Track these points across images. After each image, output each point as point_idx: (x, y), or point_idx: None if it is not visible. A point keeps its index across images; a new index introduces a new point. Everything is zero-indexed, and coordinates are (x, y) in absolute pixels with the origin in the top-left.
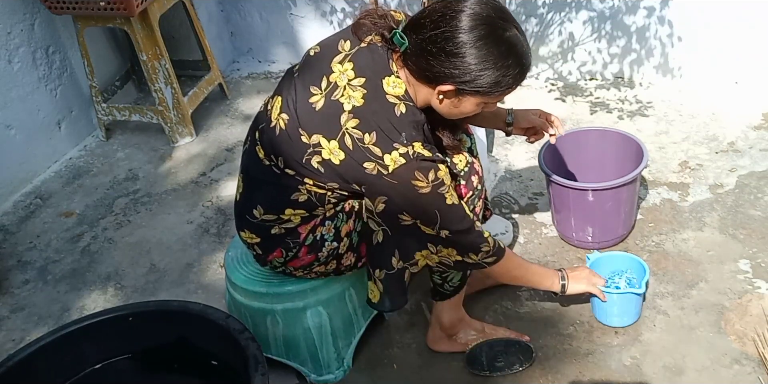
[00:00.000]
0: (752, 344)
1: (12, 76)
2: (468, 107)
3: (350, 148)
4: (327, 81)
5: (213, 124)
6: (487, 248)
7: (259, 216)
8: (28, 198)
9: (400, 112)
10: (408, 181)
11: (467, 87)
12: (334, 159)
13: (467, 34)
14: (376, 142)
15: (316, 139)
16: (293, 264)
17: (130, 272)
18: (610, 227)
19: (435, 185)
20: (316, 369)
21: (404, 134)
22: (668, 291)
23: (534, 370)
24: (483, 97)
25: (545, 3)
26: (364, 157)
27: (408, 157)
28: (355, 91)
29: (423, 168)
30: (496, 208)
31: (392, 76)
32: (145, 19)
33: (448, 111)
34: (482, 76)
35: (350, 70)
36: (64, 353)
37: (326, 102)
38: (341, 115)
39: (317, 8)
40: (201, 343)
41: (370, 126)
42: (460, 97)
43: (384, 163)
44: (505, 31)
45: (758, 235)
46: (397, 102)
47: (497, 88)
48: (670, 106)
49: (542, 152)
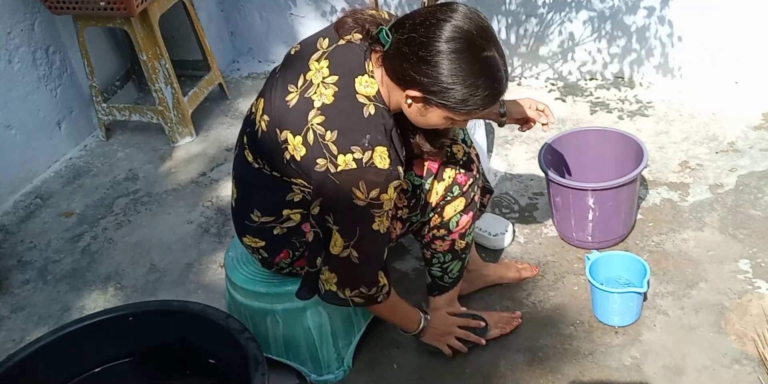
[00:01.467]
0: (752, 344)
1: (12, 76)
2: (434, 119)
3: (311, 144)
4: (303, 79)
5: (213, 124)
6: (365, 291)
7: (257, 219)
8: (28, 198)
9: (368, 114)
10: (349, 186)
11: (434, 98)
12: (297, 155)
13: (443, 44)
14: (335, 140)
15: (285, 135)
16: (300, 263)
17: (130, 272)
18: (610, 227)
19: (371, 203)
20: (316, 369)
21: (368, 136)
22: (668, 291)
23: (534, 370)
24: (449, 111)
25: (545, 3)
26: (320, 152)
27: (360, 163)
28: (327, 89)
29: (369, 182)
30: (496, 208)
31: (365, 75)
32: (145, 19)
33: (416, 118)
34: (450, 90)
35: (325, 67)
36: (64, 353)
37: (299, 99)
38: (310, 112)
39: (317, 8)
40: (201, 343)
41: (334, 124)
42: (427, 106)
43: (336, 162)
44: (483, 50)
45: (758, 235)
46: (366, 103)
47: (464, 106)
48: (670, 106)
49: (542, 152)
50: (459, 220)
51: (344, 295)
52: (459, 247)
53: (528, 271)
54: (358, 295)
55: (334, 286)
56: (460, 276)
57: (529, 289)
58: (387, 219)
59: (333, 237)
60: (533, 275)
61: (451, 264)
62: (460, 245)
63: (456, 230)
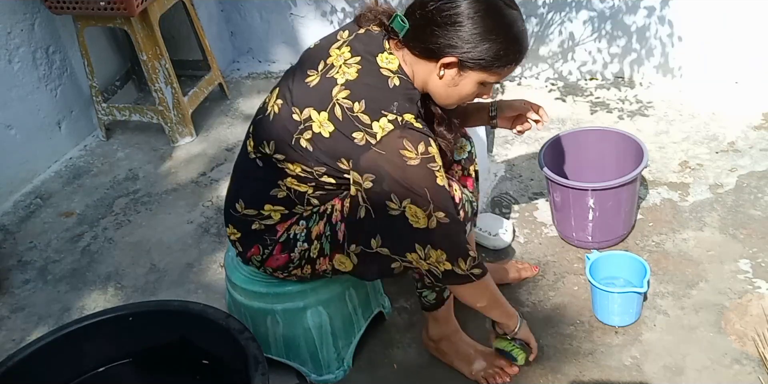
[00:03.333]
0: (752, 344)
1: (12, 76)
2: (467, 86)
3: (339, 119)
4: (324, 63)
5: (213, 124)
6: (474, 254)
7: (240, 210)
8: (28, 198)
9: (393, 84)
10: (396, 149)
11: (469, 58)
12: (324, 131)
13: (470, 4)
14: (364, 109)
15: (307, 112)
16: (270, 264)
17: (130, 272)
18: (610, 227)
19: (424, 158)
20: (316, 369)
21: (396, 104)
22: (668, 291)
23: (534, 370)
24: (483, 71)
25: (545, 3)
26: (352, 126)
27: (396, 123)
28: (350, 68)
29: (412, 138)
30: (496, 208)
31: (385, 52)
32: (145, 19)
33: (446, 91)
34: (483, 47)
35: (347, 52)
36: (64, 353)
37: (321, 80)
38: (333, 88)
39: (317, 8)
40: (201, 343)
41: (360, 95)
42: (461, 72)
43: (372, 131)
44: (508, 7)
45: (758, 235)
46: (391, 75)
47: (497, 62)
48: (670, 106)
49: (542, 152)
50: None
51: (462, 270)
52: (428, 281)
53: (528, 271)
54: (472, 265)
55: (447, 264)
56: (439, 304)
57: (529, 289)
58: (443, 174)
59: (409, 213)
60: (533, 275)
61: (425, 291)
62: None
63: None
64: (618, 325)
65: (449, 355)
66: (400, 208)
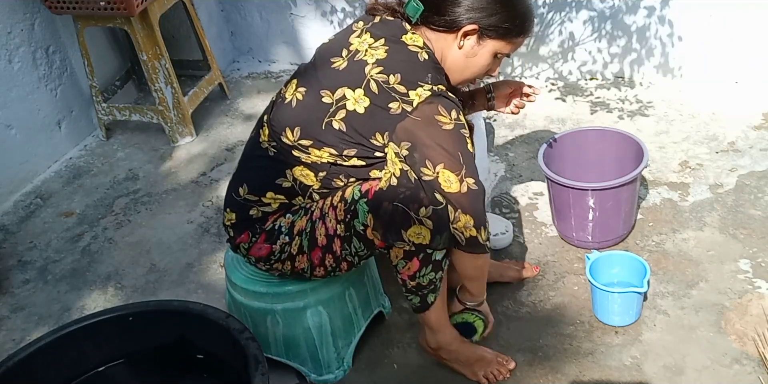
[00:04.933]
0: (752, 344)
1: (12, 75)
2: (483, 56)
3: (375, 93)
4: (348, 50)
5: (213, 124)
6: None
7: (242, 194)
8: (28, 198)
9: (423, 58)
10: (431, 115)
11: (491, 26)
12: (359, 107)
13: None
14: (401, 80)
15: (341, 92)
16: (253, 253)
17: (130, 272)
18: (610, 227)
19: (458, 124)
20: (316, 369)
21: (430, 75)
22: (668, 291)
23: (534, 369)
24: (502, 39)
25: (545, 3)
26: (389, 97)
27: (433, 91)
28: (377, 50)
29: (446, 105)
30: (496, 208)
31: (408, 32)
32: (145, 19)
33: (464, 62)
34: (501, 14)
35: (369, 37)
36: (64, 353)
37: (349, 63)
38: (365, 67)
39: (317, 8)
40: (201, 342)
41: (395, 69)
42: (480, 41)
43: (409, 98)
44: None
45: (758, 235)
46: (419, 50)
47: (513, 29)
48: (670, 106)
49: (542, 152)
50: (404, 265)
51: (483, 239)
52: (411, 285)
53: (528, 271)
54: (487, 234)
55: (473, 230)
56: (424, 308)
57: (529, 288)
58: (472, 141)
59: (442, 178)
60: (534, 275)
61: (410, 295)
62: (411, 284)
63: (403, 271)
64: (618, 325)
65: (449, 360)
66: (434, 173)
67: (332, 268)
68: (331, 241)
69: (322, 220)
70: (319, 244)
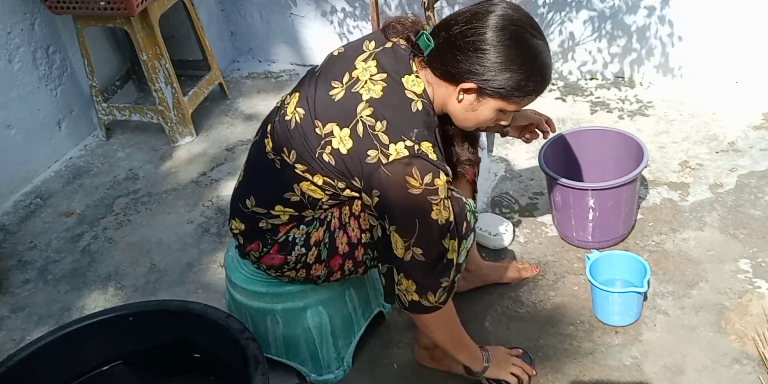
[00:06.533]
0: (752, 344)
1: (12, 75)
2: (485, 112)
3: (360, 136)
4: (349, 76)
5: (213, 124)
6: (446, 284)
7: (250, 207)
8: (28, 198)
9: (416, 109)
10: (402, 175)
11: (488, 86)
12: (343, 148)
13: (495, 32)
14: (386, 130)
15: (330, 127)
16: (265, 261)
17: (131, 272)
18: (611, 227)
19: (427, 189)
20: (316, 369)
21: (416, 131)
22: (668, 291)
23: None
24: (502, 100)
25: (545, 2)
26: (371, 144)
27: (412, 151)
28: (375, 85)
29: (422, 167)
30: (496, 208)
31: (412, 74)
32: (146, 19)
33: (464, 115)
34: (504, 76)
35: (373, 66)
36: (64, 353)
37: (346, 93)
38: (358, 105)
39: (317, 8)
40: (201, 342)
41: (384, 115)
42: (480, 98)
43: (387, 151)
44: (533, 37)
45: (758, 235)
46: (415, 98)
47: (517, 92)
48: (670, 106)
49: (542, 152)
50: None
51: (430, 303)
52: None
53: (528, 271)
54: (444, 297)
55: (415, 295)
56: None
57: (529, 289)
58: (445, 209)
59: (392, 239)
60: (534, 275)
61: None
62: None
63: None
64: (618, 325)
65: (445, 360)
66: (388, 230)
67: (349, 272)
68: (354, 248)
69: (343, 229)
70: (339, 252)
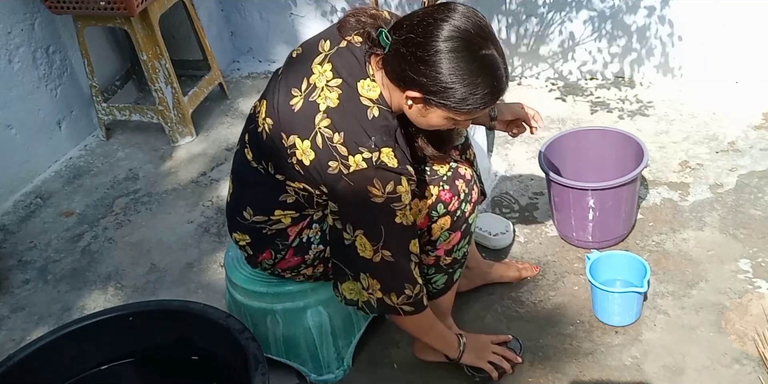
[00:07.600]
0: (752, 344)
1: (12, 75)
2: (435, 119)
3: (320, 147)
4: (307, 83)
5: (213, 124)
6: (410, 293)
7: (249, 218)
8: (28, 198)
9: (372, 116)
10: (364, 185)
11: (434, 98)
12: (306, 160)
13: (441, 44)
14: (343, 141)
15: (292, 139)
16: (281, 266)
17: (131, 272)
18: (611, 227)
19: (390, 197)
20: (316, 369)
21: (374, 138)
22: (668, 291)
23: (534, 369)
24: (449, 111)
25: (545, 2)
26: (330, 156)
27: (370, 162)
28: (331, 92)
29: (382, 177)
30: (496, 208)
31: (367, 79)
32: (146, 19)
33: (417, 119)
34: (450, 89)
35: (329, 71)
36: (64, 353)
37: (304, 103)
38: (316, 116)
39: (318, 8)
40: (201, 342)
41: (341, 126)
42: (427, 107)
43: (347, 163)
44: (482, 48)
45: (758, 235)
46: (370, 105)
47: (464, 106)
48: (670, 106)
49: (542, 152)
50: (447, 238)
51: (392, 302)
52: (444, 263)
53: (528, 270)
54: (405, 301)
55: (379, 293)
56: (447, 288)
57: (529, 289)
58: (409, 211)
59: (359, 242)
60: (534, 275)
61: (435, 276)
62: (446, 261)
63: (441, 246)
64: (618, 325)
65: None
66: (352, 237)
67: None
68: None
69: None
70: None
